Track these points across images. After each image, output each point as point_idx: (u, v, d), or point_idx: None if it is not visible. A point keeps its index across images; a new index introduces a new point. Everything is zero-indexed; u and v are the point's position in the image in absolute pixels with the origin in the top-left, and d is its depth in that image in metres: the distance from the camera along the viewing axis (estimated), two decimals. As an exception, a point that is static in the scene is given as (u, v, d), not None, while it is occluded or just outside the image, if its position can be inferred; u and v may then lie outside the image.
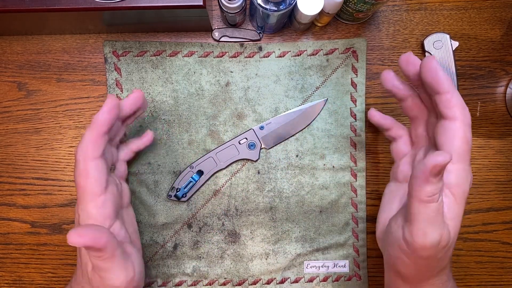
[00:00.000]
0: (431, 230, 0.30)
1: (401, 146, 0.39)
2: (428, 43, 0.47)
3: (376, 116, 0.40)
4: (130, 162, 0.46)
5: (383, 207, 0.39)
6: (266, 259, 0.47)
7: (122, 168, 0.41)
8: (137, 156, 0.46)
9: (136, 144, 0.42)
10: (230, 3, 0.40)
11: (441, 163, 0.27)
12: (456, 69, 0.47)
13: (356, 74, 0.47)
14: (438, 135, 0.32)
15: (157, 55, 0.46)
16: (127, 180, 0.46)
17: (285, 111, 0.47)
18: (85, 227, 0.31)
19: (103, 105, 0.33)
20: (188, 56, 0.46)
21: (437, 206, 0.29)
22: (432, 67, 0.31)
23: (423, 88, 0.34)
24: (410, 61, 0.34)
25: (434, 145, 0.34)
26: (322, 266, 0.47)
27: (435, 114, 0.34)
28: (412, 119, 0.38)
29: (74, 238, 0.29)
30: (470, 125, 0.31)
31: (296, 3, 0.40)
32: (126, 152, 0.41)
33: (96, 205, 0.33)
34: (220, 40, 0.47)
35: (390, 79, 0.36)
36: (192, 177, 0.45)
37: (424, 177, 0.28)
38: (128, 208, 0.40)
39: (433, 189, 0.28)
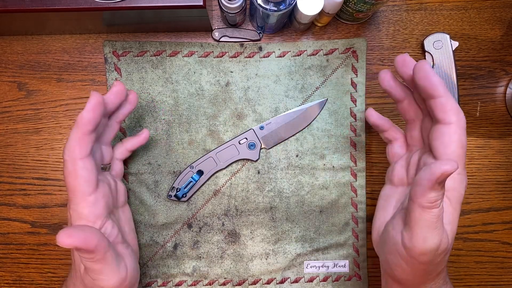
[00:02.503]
0: (431, 236, 0.30)
1: (397, 148, 0.39)
2: (428, 43, 0.47)
3: (374, 116, 0.40)
4: (130, 162, 0.46)
5: (379, 210, 0.38)
6: (266, 259, 0.47)
7: (117, 167, 0.41)
8: (137, 156, 0.46)
9: (132, 142, 0.41)
10: (230, 3, 0.40)
11: (448, 171, 0.27)
12: (456, 69, 0.47)
13: (356, 74, 0.47)
14: (433, 139, 0.32)
15: (157, 55, 0.46)
16: (126, 180, 0.46)
17: (285, 111, 0.47)
18: (75, 228, 0.30)
19: (86, 103, 0.32)
20: (188, 56, 0.46)
21: (438, 212, 0.29)
22: (425, 71, 0.31)
23: (417, 91, 0.34)
24: (405, 63, 0.34)
25: (429, 148, 0.34)
26: (322, 266, 0.47)
27: (430, 117, 0.34)
28: (407, 121, 0.38)
29: (64, 239, 0.29)
30: (465, 129, 0.31)
31: (296, 3, 0.40)
32: (122, 151, 0.41)
33: (87, 205, 0.33)
34: (220, 40, 0.47)
35: (387, 79, 0.36)
36: (192, 177, 0.45)
37: (430, 184, 0.28)
38: (124, 207, 0.40)
39: (436, 196, 0.28)
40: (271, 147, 0.47)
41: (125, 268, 0.34)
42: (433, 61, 0.47)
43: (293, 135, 0.47)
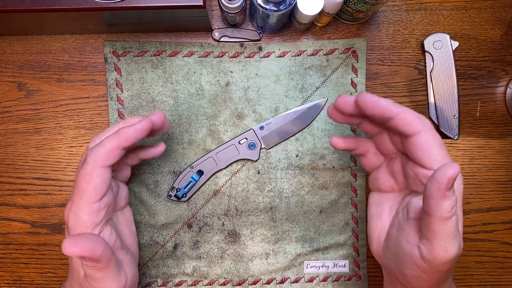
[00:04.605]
0: (451, 245, 0.29)
1: (372, 159, 0.38)
2: (428, 43, 0.47)
3: (340, 144, 0.39)
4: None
5: (372, 218, 0.38)
6: (266, 259, 0.47)
7: (126, 172, 0.40)
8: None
9: (146, 153, 0.40)
10: (230, 3, 0.40)
11: (454, 175, 0.27)
12: (456, 69, 0.47)
13: (356, 74, 0.47)
14: (413, 153, 0.32)
15: (157, 55, 0.46)
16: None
17: (285, 111, 0.47)
18: (81, 237, 0.30)
19: (137, 123, 0.33)
20: (188, 56, 0.46)
21: (455, 219, 0.29)
22: (370, 101, 0.31)
23: (371, 119, 0.34)
24: (346, 102, 0.34)
25: (408, 156, 0.33)
26: (322, 266, 0.47)
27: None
28: (374, 136, 0.38)
29: (69, 248, 0.28)
30: (433, 128, 0.32)
31: (296, 3, 0.40)
32: (133, 158, 0.40)
33: (89, 211, 0.33)
34: (220, 40, 0.47)
35: (337, 112, 0.36)
36: (192, 177, 0.45)
37: (441, 194, 0.27)
38: (124, 210, 0.40)
39: (450, 204, 0.28)
40: (271, 147, 0.47)
41: (125, 276, 0.34)
42: (433, 61, 0.47)
43: (293, 135, 0.47)
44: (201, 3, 0.37)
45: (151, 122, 0.33)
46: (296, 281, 0.47)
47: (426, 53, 0.47)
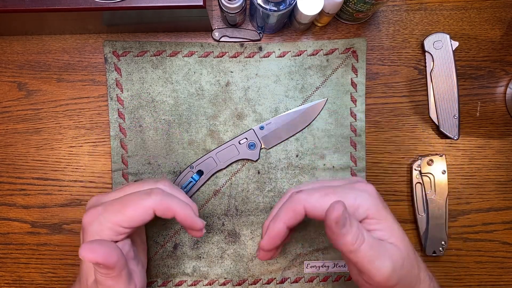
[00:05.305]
0: (381, 262, 0.31)
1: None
2: (428, 43, 0.47)
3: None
4: (130, 162, 0.46)
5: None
6: (266, 259, 0.47)
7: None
8: (137, 156, 0.46)
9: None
10: (230, 3, 0.40)
11: (338, 215, 0.29)
12: (456, 69, 0.47)
13: (356, 74, 0.47)
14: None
15: (157, 55, 0.46)
16: (126, 180, 0.46)
17: (285, 111, 0.47)
18: (98, 243, 0.31)
19: (189, 214, 0.35)
20: (188, 56, 0.46)
21: (369, 243, 0.30)
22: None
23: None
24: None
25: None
26: (322, 266, 0.47)
27: None
28: None
29: (87, 253, 0.29)
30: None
31: (296, 3, 0.40)
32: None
33: (114, 232, 0.34)
34: (220, 40, 0.47)
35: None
36: (192, 177, 0.45)
37: (337, 235, 0.30)
38: None
39: (352, 237, 0.30)
40: (271, 147, 0.47)
41: (134, 286, 0.35)
42: (433, 61, 0.47)
43: (293, 135, 0.47)
44: (201, 3, 0.37)
45: (198, 221, 0.35)
46: (296, 281, 0.47)
47: (426, 53, 0.47)
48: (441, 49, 0.46)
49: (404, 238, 0.34)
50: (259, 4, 0.39)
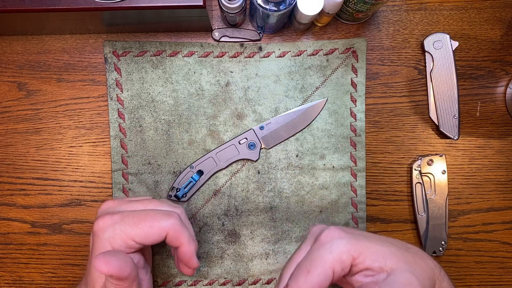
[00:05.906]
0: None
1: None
2: (428, 43, 0.47)
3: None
4: (130, 162, 0.46)
5: None
6: (266, 259, 0.47)
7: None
8: (137, 156, 0.46)
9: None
10: (230, 3, 0.40)
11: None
12: (456, 69, 0.47)
13: (356, 74, 0.47)
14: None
15: (157, 55, 0.46)
16: (126, 180, 0.46)
17: (285, 111, 0.47)
18: (113, 255, 0.31)
19: (194, 250, 0.36)
20: (188, 56, 0.46)
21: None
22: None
23: None
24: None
25: None
26: (322, 266, 0.47)
27: None
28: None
29: (102, 265, 0.30)
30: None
31: (296, 3, 0.40)
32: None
33: (127, 244, 0.34)
34: (220, 40, 0.47)
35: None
36: (192, 177, 0.45)
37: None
38: None
39: None
40: (271, 147, 0.47)
41: None
42: (433, 61, 0.47)
43: (293, 135, 0.47)
44: (201, 3, 0.37)
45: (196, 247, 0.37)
46: (296, 281, 0.47)
47: (426, 53, 0.47)
48: (441, 49, 0.46)
49: (391, 252, 0.32)
50: (259, 4, 0.39)
